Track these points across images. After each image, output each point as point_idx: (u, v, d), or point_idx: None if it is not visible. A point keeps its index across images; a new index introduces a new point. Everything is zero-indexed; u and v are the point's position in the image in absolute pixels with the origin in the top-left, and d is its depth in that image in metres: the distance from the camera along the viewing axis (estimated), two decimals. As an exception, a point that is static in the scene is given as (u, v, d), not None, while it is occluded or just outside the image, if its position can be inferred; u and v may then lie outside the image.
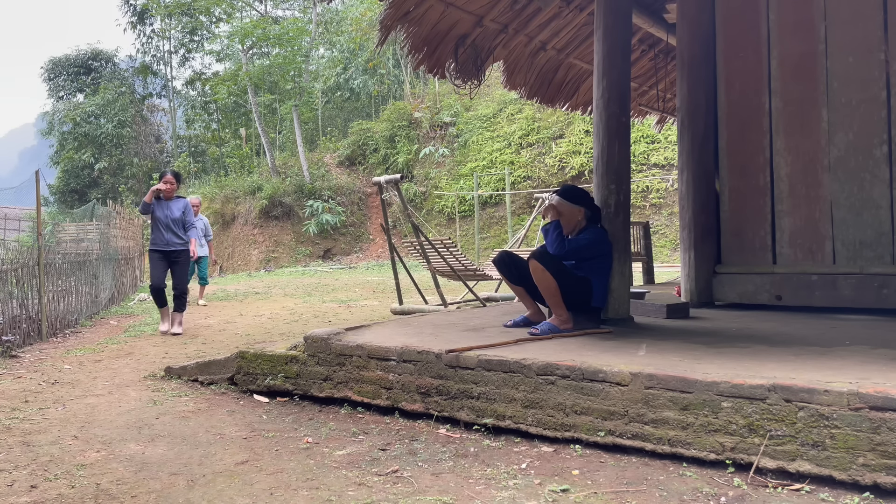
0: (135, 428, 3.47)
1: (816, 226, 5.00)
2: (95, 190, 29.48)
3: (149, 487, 2.62)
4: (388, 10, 5.32)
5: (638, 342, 3.68)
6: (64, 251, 8.66)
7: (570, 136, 21.10)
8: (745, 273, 5.26)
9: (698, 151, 5.43)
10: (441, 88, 25.28)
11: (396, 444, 3.08)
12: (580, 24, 6.71)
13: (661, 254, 17.13)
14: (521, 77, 7.17)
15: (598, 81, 4.56)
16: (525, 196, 20.38)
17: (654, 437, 2.79)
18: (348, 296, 11.26)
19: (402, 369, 3.52)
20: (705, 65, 5.45)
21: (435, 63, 6.01)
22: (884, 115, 4.76)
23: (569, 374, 3.02)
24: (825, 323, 4.39)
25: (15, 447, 3.17)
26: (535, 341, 3.77)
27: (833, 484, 2.43)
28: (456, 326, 4.43)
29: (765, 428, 2.56)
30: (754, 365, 2.98)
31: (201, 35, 32.23)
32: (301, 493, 2.52)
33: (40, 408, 3.95)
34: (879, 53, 4.77)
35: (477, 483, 2.59)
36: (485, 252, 19.14)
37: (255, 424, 3.48)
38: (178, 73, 51.28)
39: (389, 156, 24.78)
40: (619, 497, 2.43)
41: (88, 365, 5.36)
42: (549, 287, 4.09)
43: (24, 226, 29.38)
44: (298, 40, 26.70)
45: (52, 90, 33.60)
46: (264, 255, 23.00)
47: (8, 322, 6.40)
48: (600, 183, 4.50)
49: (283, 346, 4.22)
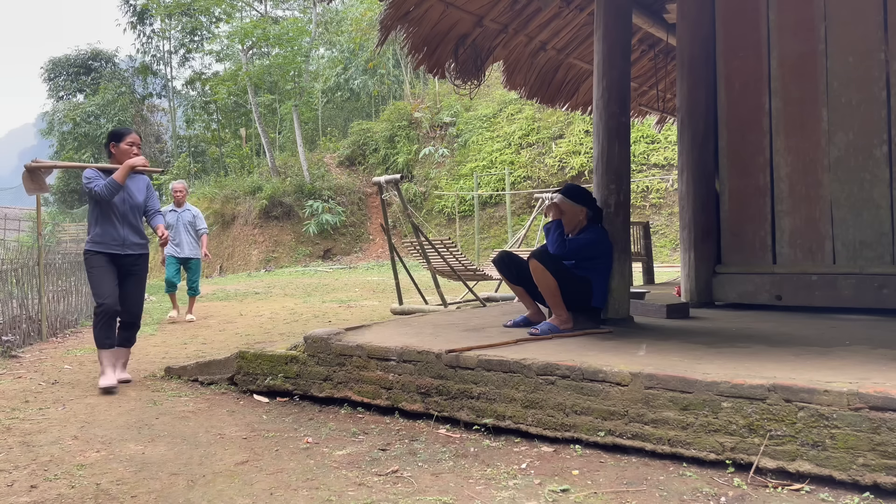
0: (135, 428, 3.47)
1: (816, 226, 5.00)
2: (95, 190, 29.44)
3: (149, 487, 2.62)
4: (388, 10, 5.32)
5: (638, 342, 3.68)
6: (64, 251, 8.66)
7: (570, 136, 21.10)
8: (744, 273, 5.26)
9: (698, 151, 5.43)
10: (441, 88, 25.27)
11: (396, 444, 3.08)
12: (580, 24, 6.71)
13: (661, 254, 17.13)
14: (521, 77, 7.17)
15: (598, 81, 4.56)
16: (525, 196, 20.38)
17: (654, 437, 2.79)
18: (348, 296, 11.26)
19: (402, 369, 3.52)
20: (705, 65, 5.45)
21: (435, 63, 6.01)
22: (884, 115, 4.76)
23: (569, 374, 3.02)
24: (825, 323, 4.39)
25: (15, 447, 3.17)
26: (535, 341, 3.77)
27: (833, 484, 2.43)
28: (456, 326, 4.43)
29: (765, 428, 2.56)
30: (754, 365, 2.98)
31: (201, 35, 32.22)
32: (301, 493, 2.52)
33: (40, 408, 3.94)
34: (879, 53, 4.77)
35: (477, 483, 2.59)
36: (485, 252, 19.13)
37: (255, 424, 3.48)
38: (178, 73, 51.36)
39: (389, 156, 24.78)
40: (619, 497, 2.43)
41: (88, 365, 5.36)
42: (549, 287, 4.09)
43: (24, 226, 29.42)
44: (298, 40, 26.70)
45: (52, 90, 33.63)
46: (264, 255, 22.99)
47: (8, 322, 6.40)
48: (600, 183, 4.50)
49: (283, 346, 4.22)
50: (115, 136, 4.60)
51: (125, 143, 4.55)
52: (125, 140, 4.57)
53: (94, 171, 4.50)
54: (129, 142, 4.56)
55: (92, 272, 4.47)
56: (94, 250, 4.48)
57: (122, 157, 4.50)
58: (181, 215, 8.47)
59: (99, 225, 4.49)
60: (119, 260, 4.52)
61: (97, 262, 4.46)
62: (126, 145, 4.54)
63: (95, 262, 4.46)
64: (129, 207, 4.56)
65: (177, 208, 8.52)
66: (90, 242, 4.50)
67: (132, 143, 4.57)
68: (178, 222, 8.40)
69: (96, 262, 4.46)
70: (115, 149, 4.54)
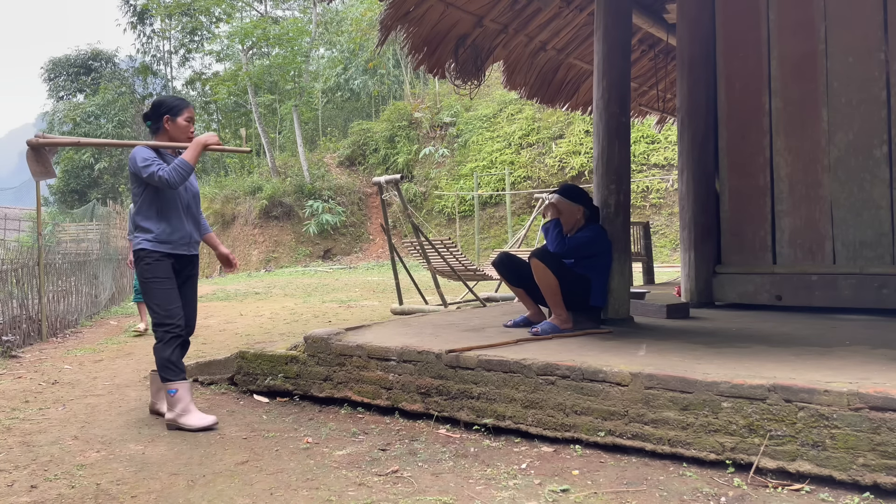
0: (135, 428, 3.47)
1: (816, 226, 5.00)
2: (95, 190, 29.48)
3: (149, 487, 2.62)
4: (388, 10, 5.33)
5: (638, 342, 3.68)
6: (64, 251, 8.67)
7: (570, 136, 21.10)
8: (744, 273, 5.26)
9: (698, 151, 5.43)
10: (441, 88, 25.28)
11: (396, 444, 3.08)
12: (580, 24, 6.71)
13: (661, 254, 17.13)
14: (521, 77, 7.17)
15: (598, 81, 4.56)
16: (525, 196, 20.38)
17: (654, 438, 2.79)
18: (348, 296, 11.26)
19: (402, 369, 3.52)
20: (705, 65, 5.45)
21: (435, 63, 6.01)
22: (884, 115, 4.76)
23: (569, 374, 3.02)
24: (825, 323, 4.39)
25: (15, 447, 3.17)
26: (535, 341, 3.77)
27: (833, 484, 2.43)
28: (456, 326, 4.43)
29: (765, 428, 2.56)
30: (754, 365, 2.98)
31: (201, 35, 32.25)
32: (301, 493, 2.52)
33: (40, 408, 3.95)
34: (879, 53, 4.77)
35: (477, 483, 2.59)
36: (485, 252, 19.14)
37: (255, 424, 3.48)
38: (179, 73, 51.33)
39: (389, 156, 24.79)
40: (619, 497, 2.43)
41: (88, 365, 5.36)
42: (549, 286, 4.09)
43: (24, 226, 29.42)
44: (298, 40, 26.71)
45: (52, 90, 33.65)
46: (264, 255, 23.00)
47: (8, 322, 6.41)
48: (600, 183, 4.50)
49: (284, 346, 4.22)
50: (171, 109, 3.63)
51: (183, 119, 3.64)
52: (184, 115, 3.64)
53: (149, 151, 3.52)
54: (187, 117, 3.66)
55: (156, 283, 3.53)
56: (159, 251, 3.54)
57: (178, 135, 3.63)
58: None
59: (163, 219, 3.57)
60: (181, 262, 3.67)
61: (163, 270, 3.55)
62: (184, 121, 3.64)
63: (161, 270, 3.54)
64: (191, 196, 3.73)
65: None
66: (154, 241, 3.54)
67: (190, 119, 3.68)
68: None
69: (162, 271, 3.54)
70: (170, 124, 3.61)
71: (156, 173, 3.41)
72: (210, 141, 3.58)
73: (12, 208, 31.26)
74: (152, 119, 3.64)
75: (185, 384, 3.46)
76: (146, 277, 3.54)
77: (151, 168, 3.42)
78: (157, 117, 3.62)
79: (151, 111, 3.65)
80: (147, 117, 3.68)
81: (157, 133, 3.66)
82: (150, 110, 3.67)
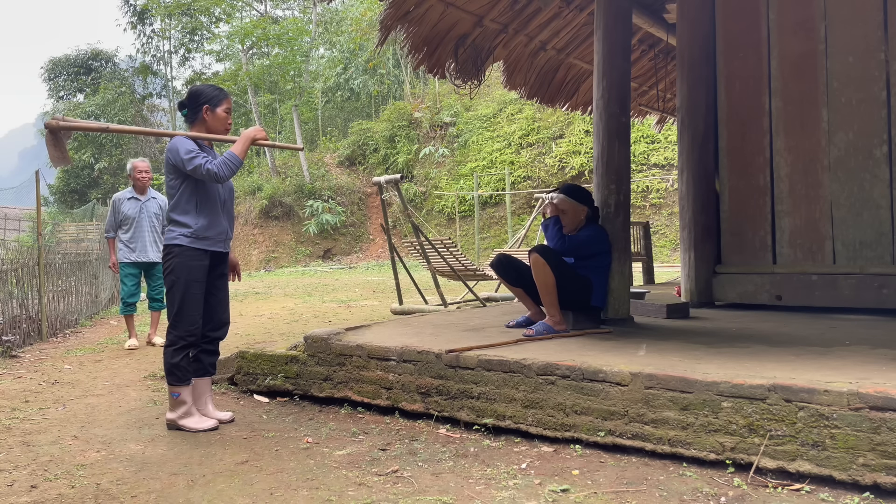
0: (135, 428, 3.47)
1: (816, 226, 5.00)
2: (95, 190, 29.49)
3: (149, 487, 2.62)
4: (388, 10, 5.33)
5: (638, 342, 3.68)
6: (64, 251, 8.67)
7: (570, 136, 21.10)
8: (745, 273, 5.26)
9: (698, 151, 5.43)
10: (441, 88, 25.28)
11: (396, 444, 3.08)
12: (580, 24, 6.71)
13: (661, 254, 17.13)
14: (521, 77, 7.17)
15: (598, 81, 4.56)
16: (525, 196, 20.38)
17: (654, 437, 2.79)
18: (348, 296, 11.25)
19: (402, 369, 3.52)
20: (705, 65, 5.45)
21: (435, 63, 6.01)
22: (884, 115, 4.76)
23: (569, 374, 3.02)
24: (825, 323, 4.39)
25: (15, 447, 3.17)
26: (535, 341, 3.77)
27: (833, 484, 2.43)
28: (456, 326, 4.43)
29: (765, 428, 2.56)
30: (754, 365, 2.98)
31: (201, 35, 32.24)
32: (301, 493, 2.52)
33: (40, 408, 3.95)
34: (879, 53, 4.77)
35: (477, 483, 2.59)
36: (485, 252, 19.13)
37: (255, 424, 3.48)
38: (178, 73, 51.19)
39: (389, 156, 24.79)
40: (619, 497, 2.43)
41: (88, 365, 5.36)
42: (546, 283, 4.07)
43: (24, 226, 29.39)
44: (298, 40, 26.72)
45: (52, 90, 33.63)
46: (264, 255, 23.00)
47: (8, 322, 6.41)
48: (600, 183, 4.50)
49: (283, 346, 4.22)
50: (211, 99, 3.45)
51: (222, 110, 3.47)
52: (223, 105, 3.47)
53: (191, 143, 3.36)
54: (226, 108, 3.48)
55: (187, 286, 3.34)
56: (196, 248, 3.36)
57: (216, 126, 3.48)
58: (145, 205, 6.39)
59: (202, 214, 3.39)
60: (215, 258, 3.50)
61: (198, 272, 3.37)
62: (224, 112, 3.47)
63: (197, 272, 3.36)
64: (227, 191, 3.57)
65: (139, 196, 6.42)
66: (192, 237, 3.35)
67: (228, 111, 3.50)
68: (142, 215, 6.36)
69: (197, 273, 3.36)
70: (209, 114, 3.45)
71: (203, 166, 3.26)
72: (259, 136, 3.46)
73: (12, 208, 31.20)
74: (190, 108, 3.48)
75: (188, 388, 3.43)
76: (178, 276, 3.34)
77: (197, 160, 3.27)
78: (195, 107, 3.46)
79: (189, 100, 3.49)
80: (183, 105, 3.51)
81: (193, 123, 3.50)
82: (187, 99, 3.51)
